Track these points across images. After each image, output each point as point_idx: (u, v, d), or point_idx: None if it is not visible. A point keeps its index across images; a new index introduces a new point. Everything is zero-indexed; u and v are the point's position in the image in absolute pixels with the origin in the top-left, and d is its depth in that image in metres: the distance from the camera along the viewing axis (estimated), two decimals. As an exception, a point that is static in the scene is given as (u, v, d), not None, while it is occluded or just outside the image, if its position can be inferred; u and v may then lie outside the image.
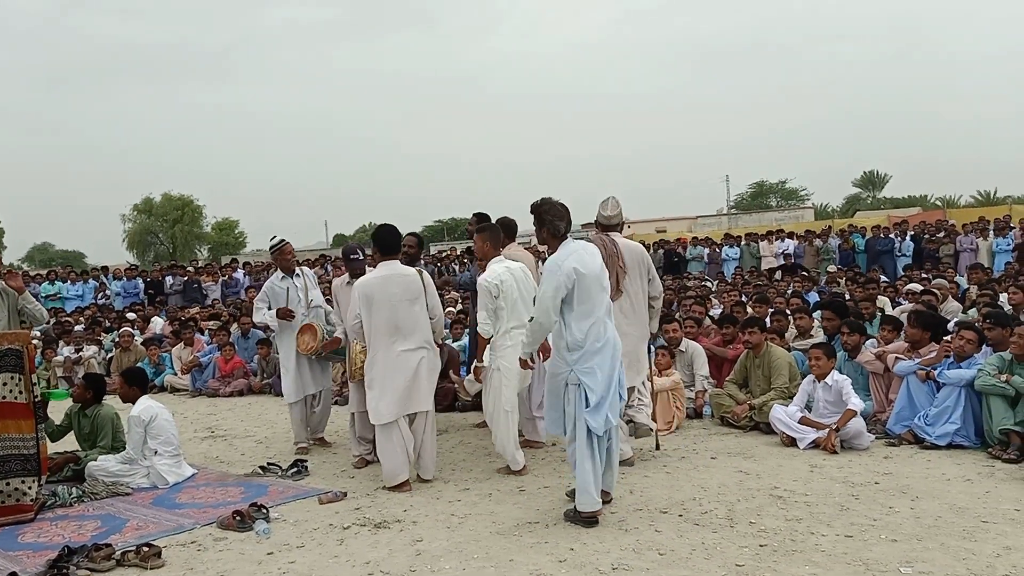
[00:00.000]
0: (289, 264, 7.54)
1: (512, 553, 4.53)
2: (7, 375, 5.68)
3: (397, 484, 5.87)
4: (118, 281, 20.07)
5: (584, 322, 4.90)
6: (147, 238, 57.34)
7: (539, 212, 5.15)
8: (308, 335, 7.12)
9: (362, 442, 6.72)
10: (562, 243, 5.09)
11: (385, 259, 6.09)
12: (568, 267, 4.87)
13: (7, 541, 5.24)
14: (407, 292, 5.97)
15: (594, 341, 4.90)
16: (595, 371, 4.87)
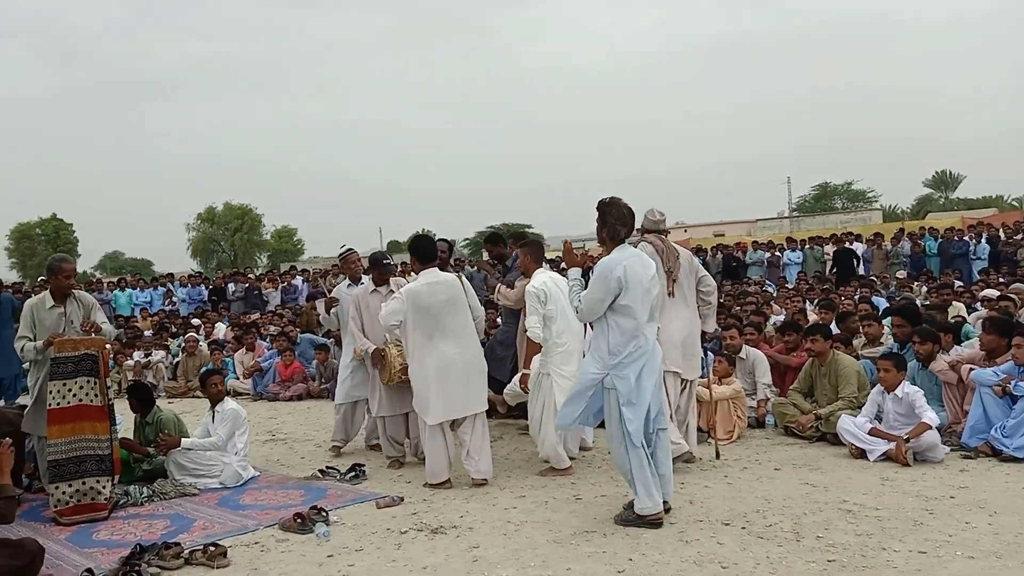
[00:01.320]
0: (355, 272, 7.69)
1: (569, 562, 4.49)
2: (84, 379, 5.85)
3: (439, 482, 6.06)
4: (183, 288, 20.61)
5: (626, 329, 4.93)
6: (210, 246, 58.89)
7: (604, 211, 5.16)
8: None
9: (393, 444, 6.90)
10: (618, 247, 5.10)
11: (425, 267, 6.26)
12: (616, 275, 4.90)
13: (82, 538, 5.40)
14: (451, 298, 6.13)
15: (633, 349, 4.92)
16: (629, 377, 4.89)
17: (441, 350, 6.04)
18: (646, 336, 4.97)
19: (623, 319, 4.93)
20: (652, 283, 5.09)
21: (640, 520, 4.95)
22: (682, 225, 48.13)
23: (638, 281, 4.96)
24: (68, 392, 5.81)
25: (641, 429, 4.90)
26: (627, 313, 4.92)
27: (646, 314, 5.00)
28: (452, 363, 6.04)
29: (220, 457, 6.55)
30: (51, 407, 5.80)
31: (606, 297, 4.93)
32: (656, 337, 5.13)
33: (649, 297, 5.03)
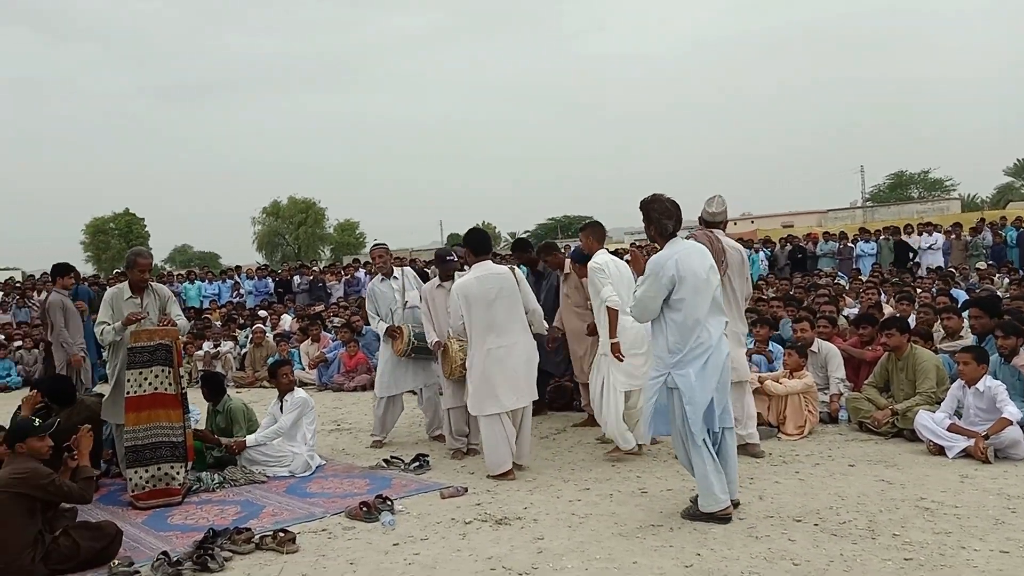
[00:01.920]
0: (383, 266, 7.79)
1: (635, 555, 4.44)
2: (159, 367, 6.02)
3: (501, 473, 6.10)
4: (250, 280, 21.05)
5: (683, 325, 4.82)
6: (275, 239, 60.15)
7: (647, 209, 5.05)
8: (397, 338, 7.38)
9: (457, 437, 6.97)
10: (669, 242, 4.99)
11: (478, 259, 6.33)
12: (668, 273, 4.80)
13: (158, 522, 5.55)
14: (503, 290, 6.17)
15: (694, 345, 4.80)
16: (690, 375, 4.78)
17: (492, 342, 6.11)
18: (708, 331, 4.83)
19: (679, 315, 4.82)
20: (711, 275, 4.95)
21: (707, 516, 4.88)
22: (749, 216, 47.20)
23: (693, 274, 4.84)
24: (144, 380, 5.97)
25: (701, 426, 4.81)
26: (683, 308, 4.81)
27: (705, 308, 4.85)
28: (503, 355, 6.09)
29: (290, 447, 6.67)
30: (128, 395, 5.98)
31: (658, 295, 4.83)
32: (724, 331, 4.99)
33: (708, 289, 4.89)
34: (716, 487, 4.82)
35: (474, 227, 6.74)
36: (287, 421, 6.69)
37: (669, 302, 4.84)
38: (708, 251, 5.14)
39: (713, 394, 4.83)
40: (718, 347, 4.86)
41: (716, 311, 4.93)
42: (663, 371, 4.88)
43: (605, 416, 6.39)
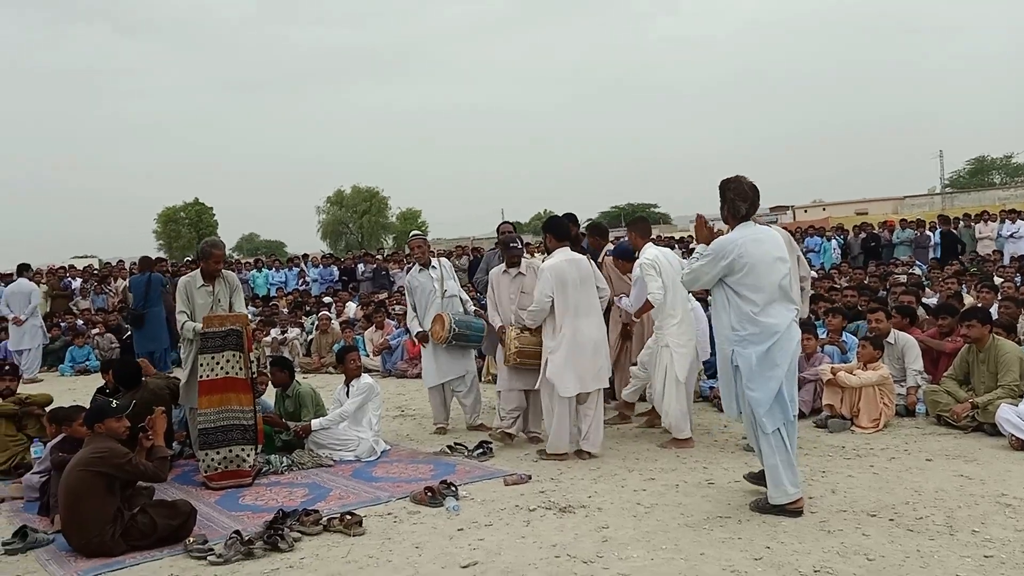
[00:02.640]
0: (423, 256, 7.81)
1: (703, 547, 4.38)
2: (230, 353, 6.16)
3: (559, 454, 6.27)
4: (315, 268, 21.39)
5: (743, 310, 4.79)
6: (339, 228, 61.12)
7: (724, 189, 5.02)
8: (438, 324, 7.39)
9: (506, 417, 6.97)
10: (740, 225, 4.94)
11: (560, 245, 6.49)
12: (730, 257, 4.78)
13: (230, 502, 5.70)
14: (583, 275, 6.35)
15: (756, 331, 4.76)
16: (750, 358, 4.74)
17: (575, 325, 6.25)
18: (772, 318, 4.77)
19: (740, 300, 4.79)
20: (778, 262, 4.87)
21: (776, 509, 4.80)
22: (820, 203, 46.00)
23: (759, 260, 4.79)
24: (216, 365, 6.12)
25: (767, 413, 4.75)
26: (744, 294, 4.78)
27: (770, 295, 4.79)
28: (585, 338, 6.24)
29: (356, 432, 6.76)
30: (201, 379, 6.13)
31: (711, 273, 4.85)
32: (795, 319, 4.91)
33: (773, 276, 4.81)
34: (786, 479, 4.75)
35: (555, 215, 6.96)
36: (352, 406, 6.78)
37: (730, 283, 4.82)
38: (781, 238, 5.07)
39: (783, 382, 4.76)
40: (786, 335, 4.78)
41: (782, 298, 4.85)
42: (727, 347, 4.89)
43: (667, 406, 6.49)
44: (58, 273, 19.83)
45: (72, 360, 13.91)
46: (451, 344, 7.41)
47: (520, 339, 6.63)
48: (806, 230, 21.52)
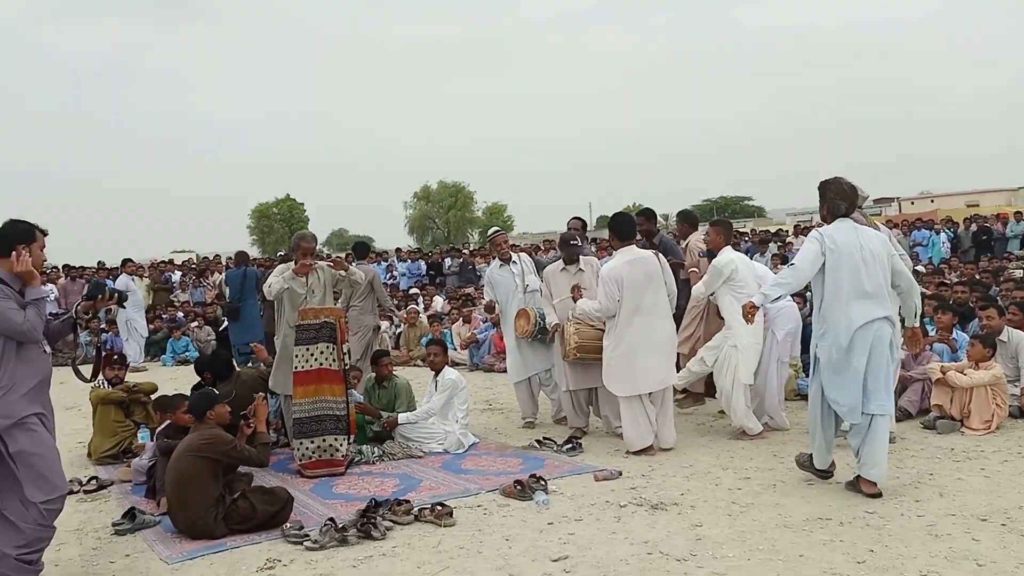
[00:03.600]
0: (504, 252, 7.82)
1: (802, 548, 4.24)
2: (324, 344, 6.29)
3: (640, 449, 6.28)
4: (403, 263, 21.74)
5: (826, 303, 5.04)
6: (425, 223, 61.92)
7: (823, 190, 5.25)
8: (523, 319, 7.38)
9: (579, 413, 7.08)
10: (836, 221, 5.17)
11: (624, 244, 6.46)
12: (820, 247, 5.02)
13: (324, 490, 5.82)
14: (649, 273, 6.32)
15: (832, 325, 5.00)
16: (831, 350, 5.00)
17: (638, 325, 6.25)
18: (849, 314, 4.95)
19: (824, 292, 5.05)
20: (868, 259, 5.01)
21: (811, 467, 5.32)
22: (928, 195, 44.08)
23: (844, 255, 4.98)
24: (310, 356, 6.26)
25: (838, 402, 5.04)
26: (827, 286, 5.03)
27: (854, 290, 4.97)
28: (647, 338, 6.25)
29: (443, 425, 6.81)
30: (296, 370, 6.28)
31: (806, 266, 5.06)
32: (882, 316, 5.01)
33: (855, 273, 4.97)
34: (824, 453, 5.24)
35: (619, 212, 6.91)
36: (438, 402, 6.84)
37: (823, 278, 5.04)
38: (876, 236, 5.19)
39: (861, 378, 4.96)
40: (864, 330, 4.94)
41: (869, 296, 4.98)
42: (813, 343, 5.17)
43: (735, 407, 6.57)
44: (159, 267, 20.73)
45: (173, 351, 14.52)
46: (536, 338, 7.42)
47: (580, 333, 6.68)
48: (913, 223, 20.67)
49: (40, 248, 4.17)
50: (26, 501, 3.93)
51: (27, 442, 3.96)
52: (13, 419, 3.94)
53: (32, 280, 4.12)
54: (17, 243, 4.05)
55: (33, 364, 4.06)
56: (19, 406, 3.97)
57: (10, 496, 3.93)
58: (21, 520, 3.92)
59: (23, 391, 4.00)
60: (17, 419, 3.95)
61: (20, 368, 4.00)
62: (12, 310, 3.94)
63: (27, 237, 4.10)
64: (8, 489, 3.93)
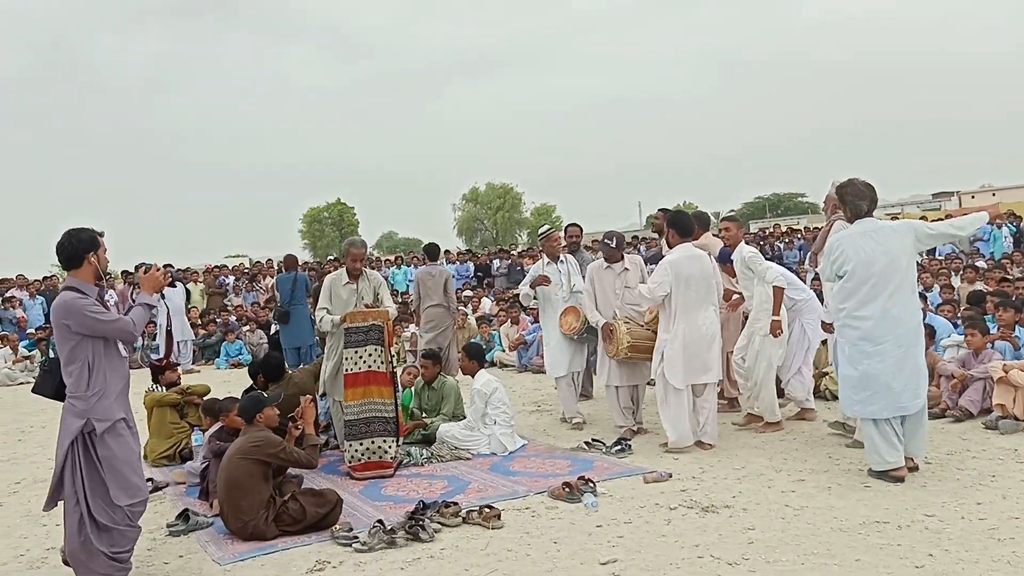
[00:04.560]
0: (554, 251, 7.92)
1: (858, 552, 4.14)
2: (372, 347, 6.34)
3: (683, 447, 6.37)
4: (451, 265, 21.82)
5: (840, 301, 5.35)
6: (474, 225, 62.19)
7: (841, 193, 5.47)
8: (571, 316, 7.47)
9: (624, 413, 7.11)
10: (858, 222, 5.38)
11: (683, 240, 6.57)
12: (840, 248, 5.34)
13: (373, 492, 5.86)
14: (703, 271, 6.45)
15: (848, 322, 5.32)
16: (843, 346, 5.36)
17: (692, 319, 6.37)
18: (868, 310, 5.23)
19: (849, 288, 5.30)
20: (890, 261, 5.22)
21: (879, 474, 5.31)
22: (989, 188, 42.66)
23: (863, 255, 5.24)
24: (359, 359, 6.32)
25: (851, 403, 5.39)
26: (852, 281, 5.29)
27: (866, 289, 5.24)
28: (700, 333, 6.37)
29: (483, 431, 6.78)
30: (346, 372, 6.34)
31: (830, 267, 5.43)
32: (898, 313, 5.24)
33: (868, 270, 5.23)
34: (883, 450, 5.27)
35: (679, 211, 7.07)
36: (473, 415, 6.80)
37: (843, 276, 5.33)
38: (896, 234, 5.32)
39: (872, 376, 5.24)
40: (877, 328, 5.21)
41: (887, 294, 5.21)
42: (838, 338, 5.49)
43: (765, 394, 6.82)
44: (214, 272, 21.15)
45: (226, 354, 14.80)
46: (583, 336, 7.49)
47: (632, 332, 6.74)
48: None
49: (104, 252, 4.31)
50: (111, 504, 4.06)
51: (116, 446, 4.10)
52: (109, 422, 4.08)
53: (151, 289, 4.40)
54: (84, 252, 4.19)
55: (118, 369, 4.20)
56: (113, 409, 4.12)
57: (96, 498, 4.06)
58: (110, 522, 4.06)
59: (114, 395, 4.14)
60: (112, 422, 4.09)
61: (110, 373, 4.13)
62: (101, 312, 4.09)
63: (93, 245, 4.23)
64: (95, 491, 4.06)
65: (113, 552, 4.08)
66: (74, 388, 4.07)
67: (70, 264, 4.18)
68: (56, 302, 4.14)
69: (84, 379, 4.06)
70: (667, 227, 6.71)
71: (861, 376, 5.30)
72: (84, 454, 4.05)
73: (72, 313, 4.03)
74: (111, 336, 4.13)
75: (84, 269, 4.18)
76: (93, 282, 4.21)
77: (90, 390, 4.05)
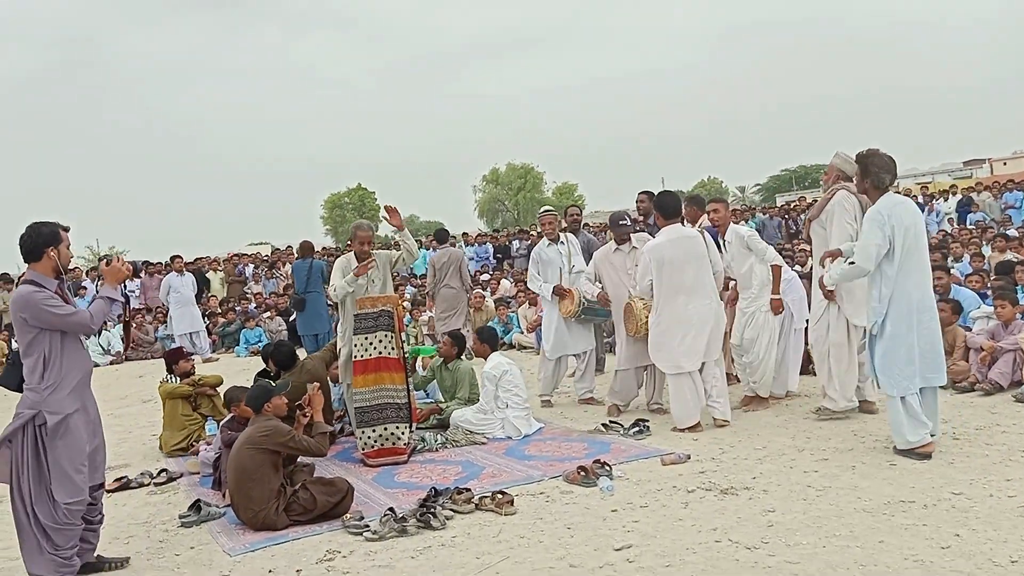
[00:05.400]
0: (553, 232, 7.89)
1: (882, 534, 4.00)
2: (383, 333, 6.25)
3: (689, 426, 6.29)
4: (470, 247, 21.71)
5: (899, 271, 5.08)
6: (495, 206, 62.00)
7: (865, 163, 5.28)
8: (567, 299, 7.47)
9: (621, 394, 7.16)
10: (884, 195, 5.22)
11: (669, 222, 6.47)
12: (890, 222, 5.06)
13: (386, 479, 5.79)
14: (692, 253, 6.35)
15: (896, 299, 5.08)
16: (885, 327, 5.11)
17: (679, 303, 6.32)
18: (912, 280, 5.10)
19: (895, 266, 5.08)
20: (920, 232, 5.14)
21: (905, 452, 5.15)
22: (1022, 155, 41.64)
23: (908, 226, 5.09)
24: (369, 345, 6.23)
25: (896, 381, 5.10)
26: (897, 258, 5.07)
27: (913, 260, 5.11)
28: (690, 314, 6.30)
29: (496, 415, 6.68)
30: (355, 359, 6.26)
31: (883, 245, 5.06)
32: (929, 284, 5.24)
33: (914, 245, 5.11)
34: (907, 430, 5.11)
35: (664, 190, 7.01)
36: (485, 400, 6.71)
37: (888, 253, 5.07)
38: (916, 209, 5.32)
39: (915, 351, 5.09)
40: (921, 305, 5.11)
41: (921, 270, 5.15)
42: (871, 320, 5.22)
43: (765, 369, 6.79)
44: (233, 260, 21.21)
45: (246, 342, 14.81)
46: (580, 318, 7.50)
47: (649, 307, 6.68)
48: (1004, 184, 19.55)
49: (67, 246, 4.29)
50: (54, 502, 4.06)
51: (62, 444, 4.09)
52: (61, 415, 4.09)
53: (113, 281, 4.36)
54: (45, 246, 4.17)
55: (77, 362, 4.22)
56: (65, 403, 4.12)
57: (40, 498, 4.06)
58: (52, 521, 4.05)
59: (68, 388, 4.14)
60: (63, 415, 4.08)
61: (66, 364, 4.14)
62: (57, 306, 4.09)
63: (54, 240, 4.22)
64: (40, 491, 4.07)
65: (57, 551, 4.07)
66: (29, 380, 4.10)
67: (30, 257, 4.18)
68: (14, 295, 4.19)
69: (39, 371, 4.08)
70: (653, 209, 6.63)
71: (907, 349, 5.10)
72: (32, 449, 4.07)
73: (28, 306, 4.05)
74: (67, 329, 4.16)
75: (44, 263, 4.18)
76: (52, 276, 4.20)
77: (43, 383, 4.08)
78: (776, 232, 18.70)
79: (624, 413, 7.17)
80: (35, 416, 4.07)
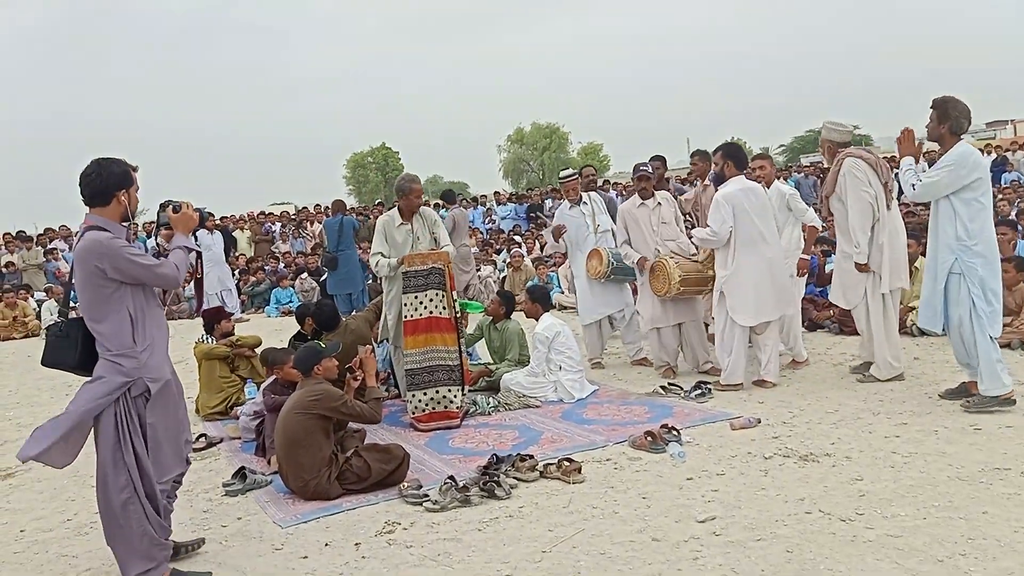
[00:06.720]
0: (575, 195, 7.63)
1: (983, 504, 3.70)
2: (433, 291, 5.94)
3: (734, 383, 6.18)
4: (502, 207, 21.31)
5: (975, 220, 5.04)
6: (520, 166, 61.25)
7: (943, 107, 5.16)
8: (595, 260, 7.18)
9: (667, 351, 6.95)
10: (960, 141, 5.15)
11: (738, 173, 6.30)
12: (973, 167, 5.03)
13: (440, 445, 5.51)
14: (761, 203, 6.22)
15: (982, 240, 5.04)
16: (977, 267, 5.03)
17: (760, 252, 6.12)
18: (990, 231, 5.11)
19: (970, 209, 5.04)
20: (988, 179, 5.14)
21: (991, 400, 5.03)
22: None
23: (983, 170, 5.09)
24: (420, 304, 5.93)
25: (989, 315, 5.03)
26: (973, 204, 5.04)
27: (989, 208, 5.14)
28: (769, 266, 6.14)
29: (548, 377, 6.40)
30: (406, 319, 5.96)
31: (952, 184, 5.06)
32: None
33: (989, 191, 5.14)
34: (1002, 373, 5.02)
35: (732, 142, 6.83)
36: (537, 360, 6.42)
37: (963, 196, 5.05)
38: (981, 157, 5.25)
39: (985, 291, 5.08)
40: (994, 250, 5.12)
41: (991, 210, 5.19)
42: (950, 257, 5.10)
43: (792, 329, 6.76)
44: (259, 219, 20.95)
45: (277, 302, 14.57)
46: (609, 279, 7.19)
47: (681, 267, 6.55)
48: (1025, 145, 18.82)
49: (136, 191, 3.67)
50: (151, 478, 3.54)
51: (163, 413, 3.57)
52: (162, 381, 3.54)
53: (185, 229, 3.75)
54: (116, 189, 3.53)
55: (160, 322, 3.66)
56: (164, 367, 3.58)
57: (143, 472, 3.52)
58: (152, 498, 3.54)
59: (163, 351, 3.61)
60: (164, 381, 3.56)
61: (153, 326, 3.59)
62: (140, 255, 3.49)
63: (127, 181, 3.57)
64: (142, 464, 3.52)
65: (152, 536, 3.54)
66: (116, 344, 3.45)
67: (96, 200, 3.52)
68: (84, 243, 3.45)
69: (128, 333, 3.45)
70: (723, 159, 6.35)
71: (996, 296, 5.10)
72: (131, 425, 3.48)
73: (109, 255, 3.39)
74: (154, 283, 3.57)
75: (112, 207, 3.53)
76: (120, 223, 3.60)
77: (140, 345, 3.46)
78: (811, 192, 18.22)
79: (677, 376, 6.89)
80: (131, 386, 3.46)
